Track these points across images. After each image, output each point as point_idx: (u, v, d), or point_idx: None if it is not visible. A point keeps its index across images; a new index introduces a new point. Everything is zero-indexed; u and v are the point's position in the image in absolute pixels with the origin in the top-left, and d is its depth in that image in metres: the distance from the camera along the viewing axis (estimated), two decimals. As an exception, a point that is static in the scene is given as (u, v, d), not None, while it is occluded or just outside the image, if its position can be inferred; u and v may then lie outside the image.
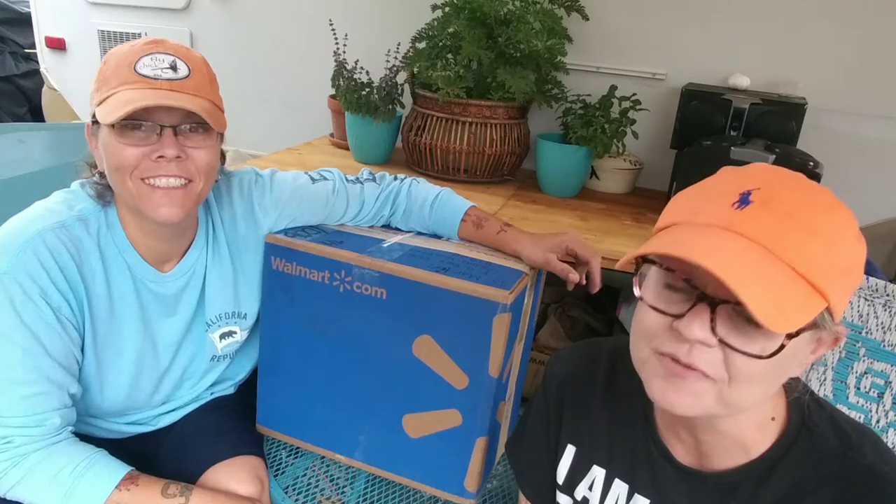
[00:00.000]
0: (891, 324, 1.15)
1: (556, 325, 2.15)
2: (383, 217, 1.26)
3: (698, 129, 1.74)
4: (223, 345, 1.16)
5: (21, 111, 4.22)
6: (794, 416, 0.69)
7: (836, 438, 0.67)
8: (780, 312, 0.54)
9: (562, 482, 0.86)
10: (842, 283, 0.58)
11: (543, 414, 0.89)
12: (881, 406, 1.16)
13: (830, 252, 0.57)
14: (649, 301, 0.63)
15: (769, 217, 0.57)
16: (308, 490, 1.17)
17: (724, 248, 0.56)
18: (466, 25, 1.81)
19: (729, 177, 0.63)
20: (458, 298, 1.01)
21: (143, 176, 0.92)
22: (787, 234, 0.56)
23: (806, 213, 0.57)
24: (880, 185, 1.88)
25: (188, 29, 2.64)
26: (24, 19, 3.79)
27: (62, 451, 0.95)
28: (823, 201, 0.59)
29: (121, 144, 0.91)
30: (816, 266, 0.56)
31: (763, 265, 0.55)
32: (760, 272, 0.55)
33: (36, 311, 0.91)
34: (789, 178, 0.61)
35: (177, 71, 0.92)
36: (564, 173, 1.91)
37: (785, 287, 0.55)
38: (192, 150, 0.94)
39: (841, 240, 0.58)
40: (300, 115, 2.52)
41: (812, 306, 0.56)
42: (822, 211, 0.58)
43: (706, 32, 1.96)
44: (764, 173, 0.62)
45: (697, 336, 0.58)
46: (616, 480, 0.80)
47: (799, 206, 0.58)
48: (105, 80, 0.92)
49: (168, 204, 0.93)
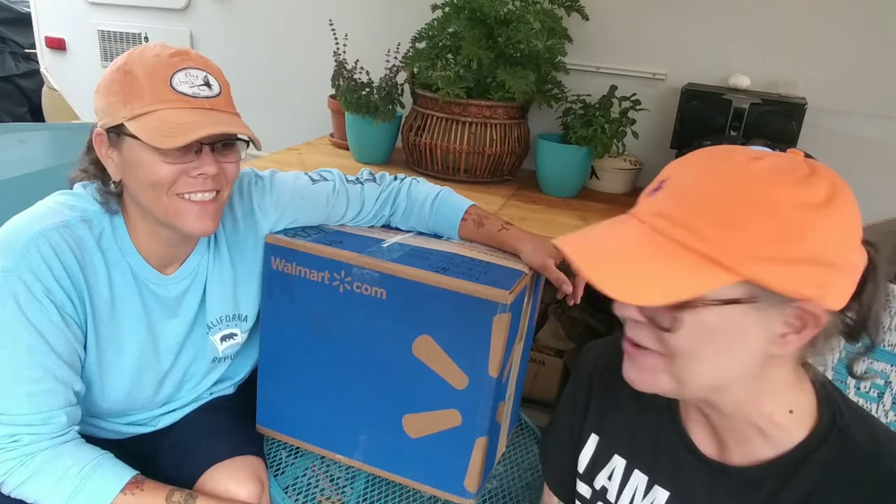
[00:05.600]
0: (891, 324, 1.15)
1: (556, 325, 2.15)
2: (383, 217, 1.26)
3: (698, 129, 1.74)
4: (224, 347, 1.16)
5: (21, 111, 4.22)
6: (826, 415, 0.68)
7: (868, 443, 0.66)
8: (641, 286, 0.58)
9: (583, 471, 0.87)
10: (765, 266, 0.56)
11: (571, 402, 0.91)
12: (881, 406, 1.16)
13: (730, 227, 0.56)
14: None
15: (666, 200, 0.61)
16: (308, 490, 1.17)
17: (609, 235, 0.64)
18: (466, 25, 1.81)
19: (665, 169, 0.67)
20: (458, 298, 1.01)
21: (179, 192, 0.93)
22: (680, 212, 0.59)
23: (708, 201, 0.59)
24: (880, 185, 1.87)
25: (188, 29, 2.64)
26: (24, 19, 3.79)
27: (69, 452, 0.95)
28: (733, 191, 0.58)
29: (159, 161, 0.91)
30: (712, 241, 0.57)
31: (643, 244, 0.60)
32: (634, 251, 0.60)
33: (40, 309, 0.91)
34: (709, 165, 0.62)
35: (211, 88, 0.94)
36: (564, 173, 1.91)
37: (663, 262, 0.58)
38: (225, 165, 0.97)
39: (748, 226, 0.56)
40: (300, 115, 2.52)
41: (705, 279, 0.57)
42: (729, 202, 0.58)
43: (706, 32, 1.96)
44: (686, 161, 0.65)
45: (625, 313, 0.65)
46: (635, 471, 0.81)
47: (704, 191, 0.59)
48: (136, 93, 0.90)
49: (204, 218, 0.96)
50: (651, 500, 0.78)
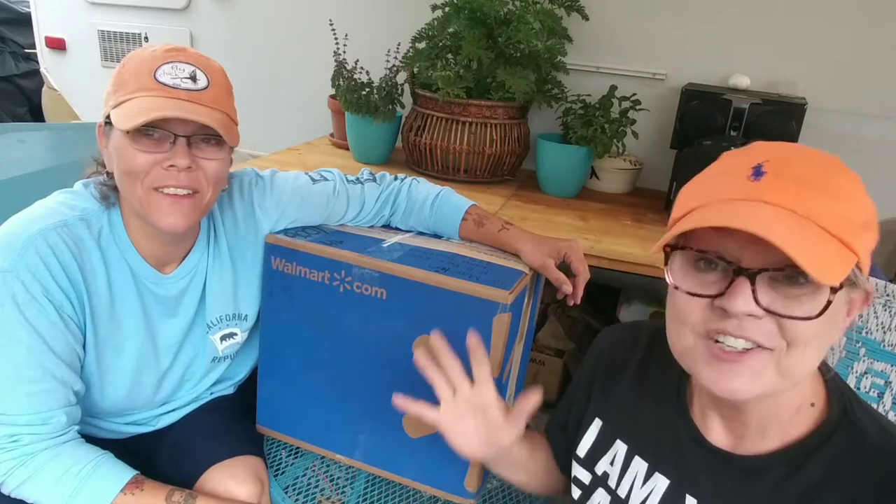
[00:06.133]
0: (891, 324, 1.15)
1: (556, 325, 2.15)
2: (384, 217, 1.26)
3: (698, 129, 1.74)
4: (224, 346, 1.16)
5: (21, 111, 4.22)
6: (836, 406, 0.68)
7: (878, 433, 0.66)
8: (825, 265, 0.55)
9: (583, 456, 0.87)
10: (864, 238, 0.60)
11: (578, 382, 0.93)
12: (881, 406, 1.16)
13: (852, 209, 0.59)
14: (685, 287, 0.64)
15: (787, 184, 0.59)
16: (308, 490, 1.17)
17: (755, 215, 0.57)
18: (466, 25, 1.81)
19: (734, 157, 0.65)
20: (458, 298, 1.01)
21: (155, 185, 0.93)
22: (810, 196, 0.58)
23: (820, 177, 0.60)
24: (880, 185, 1.86)
25: (188, 29, 2.64)
26: (24, 19, 3.79)
27: (69, 453, 0.95)
28: (833, 165, 0.62)
29: (133, 150, 0.91)
30: (842, 224, 0.58)
31: (796, 226, 0.57)
32: (795, 230, 0.56)
33: (39, 308, 0.91)
34: (794, 149, 0.63)
35: (196, 81, 0.93)
36: (564, 173, 1.91)
37: (820, 244, 0.57)
38: (203, 161, 0.95)
39: (858, 197, 0.60)
40: (300, 115, 2.52)
41: (846, 261, 0.58)
42: (836, 173, 0.61)
43: (706, 32, 1.96)
44: (768, 147, 0.63)
45: (743, 309, 0.59)
46: (636, 457, 0.81)
47: (812, 171, 0.60)
48: (123, 82, 0.92)
49: (175, 213, 0.94)
50: (651, 488, 0.78)
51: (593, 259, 1.47)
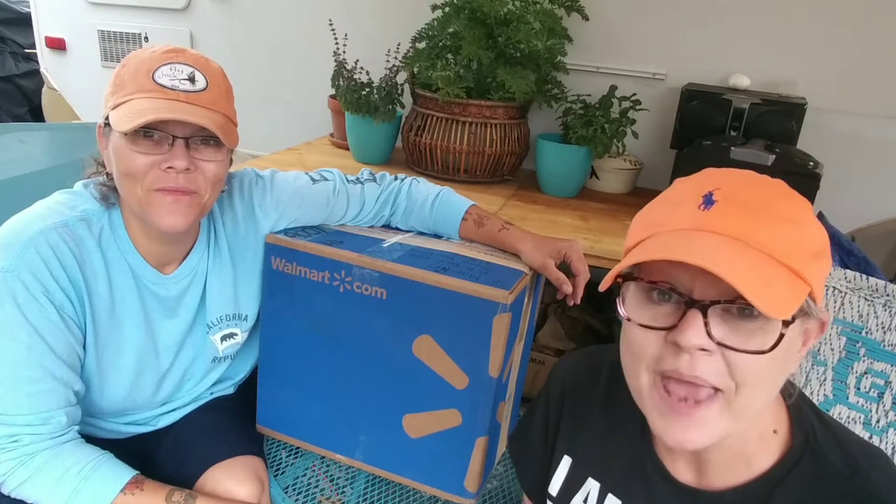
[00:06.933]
0: (891, 324, 1.15)
1: (556, 325, 2.15)
2: (384, 217, 1.26)
3: (698, 129, 1.74)
4: (224, 346, 1.16)
5: (21, 111, 4.22)
6: (798, 435, 0.67)
7: (842, 462, 0.65)
8: (775, 297, 0.54)
9: (556, 494, 0.85)
10: (816, 267, 0.58)
11: (544, 418, 0.89)
12: (881, 406, 1.16)
13: (801, 237, 0.58)
14: (638, 320, 0.62)
15: (736, 212, 0.58)
16: (308, 490, 1.17)
17: (702, 246, 0.56)
18: (466, 25, 1.81)
19: (685, 185, 0.63)
20: (458, 298, 1.01)
21: (154, 187, 0.93)
22: (758, 224, 0.57)
23: (769, 204, 0.59)
24: (880, 185, 1.88)
25: (188, 29, 2.64)
26: (24, 19, 3.79)
27: (69, 452, 0.95)
28: (781, 191, 0.61)
29: (131, 152, 0.91)
30: (792, 251, 0.57)
31: (744, 256, 0.55)
32: (743, 263, 0.55)
33: (39, 308, 0.91)
34: (742, 175, 0.62)
35: (194, 83, 0.93)
36: (564, 173, 1.91)
37: (770, 274, 0.56)
38: (201, 163, 0.95)
39: (807, 224, 0.59)
40: (300, 115, 2.52)
41: (798, 291, 0.56)
42: (783, 199, 0.60)
43: (706, 32, 1.96)
44: (718, 175, 0.62)
45: (694, 342, 0.57)
46: (609, 495, 0.79)
47: (760, 197, 0.59)
48: (122, 84, 0.93)
49: (174, 213, 0.94)
50: None
51: (593, 259, 1.47)
